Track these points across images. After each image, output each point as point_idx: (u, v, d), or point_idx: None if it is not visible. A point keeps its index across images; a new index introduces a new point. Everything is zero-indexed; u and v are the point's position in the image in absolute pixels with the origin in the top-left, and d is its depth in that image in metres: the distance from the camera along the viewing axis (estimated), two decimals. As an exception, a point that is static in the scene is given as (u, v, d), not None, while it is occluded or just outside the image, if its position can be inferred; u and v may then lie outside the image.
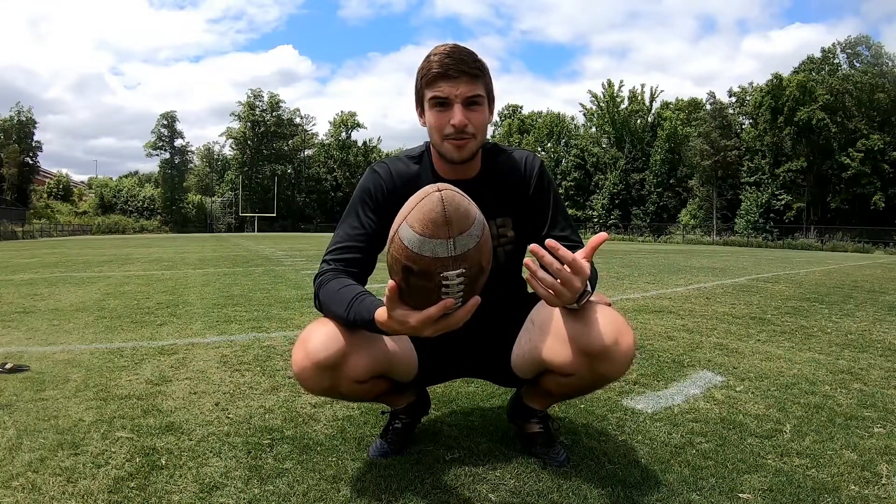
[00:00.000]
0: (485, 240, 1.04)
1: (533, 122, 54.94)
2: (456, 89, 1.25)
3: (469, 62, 1.26)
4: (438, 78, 1.25)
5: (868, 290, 6.22)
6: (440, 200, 0.99)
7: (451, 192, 1.01)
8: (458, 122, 1.25)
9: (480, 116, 1.29)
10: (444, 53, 1.26)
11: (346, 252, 1.34)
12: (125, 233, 43.48)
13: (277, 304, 4.32)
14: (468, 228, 1.00)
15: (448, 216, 0.98)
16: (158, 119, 54.79)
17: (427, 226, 0.98)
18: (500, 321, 1.47)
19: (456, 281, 1.01)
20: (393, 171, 1.40)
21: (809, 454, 1.55)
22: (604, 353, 1.22)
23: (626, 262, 10.90)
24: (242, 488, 1.31)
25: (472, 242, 1.01)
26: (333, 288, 1.25)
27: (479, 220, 1.03)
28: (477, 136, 1.30)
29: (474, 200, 1.36)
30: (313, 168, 58.92)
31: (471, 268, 1.01)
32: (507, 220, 1.43)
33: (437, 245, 0.98)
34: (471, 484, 1.36)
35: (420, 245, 0.99)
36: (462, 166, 1.36)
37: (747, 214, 35.00)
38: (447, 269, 1.00)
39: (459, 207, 1.00)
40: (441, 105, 1.27)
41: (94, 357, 2.57)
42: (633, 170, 44.10)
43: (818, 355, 2.82)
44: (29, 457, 1.45)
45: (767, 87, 35.43)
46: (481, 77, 1.28)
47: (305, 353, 1.22)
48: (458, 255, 0.99)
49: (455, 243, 0.99)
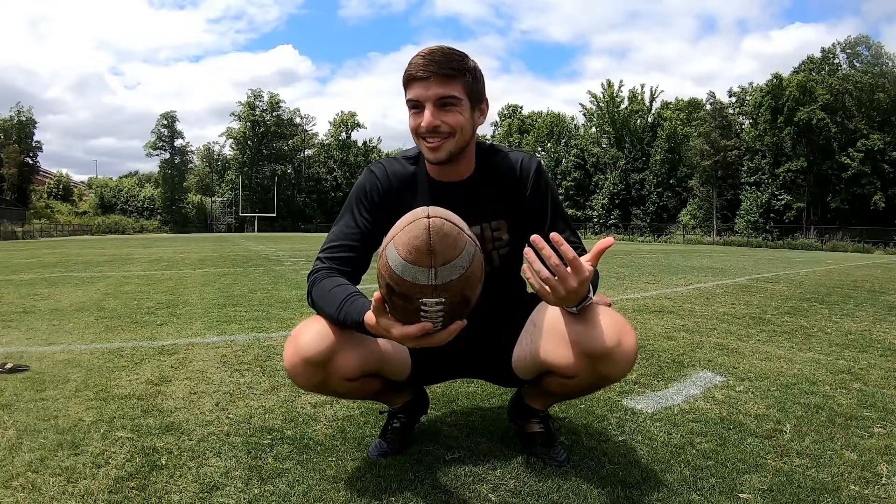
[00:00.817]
0: (472, 271, 1.00)
1: (533, 122, 54.93)
2: (427, 90, 1.23)
3: (442, 63, 1.23)
4: (411, 80, 1.25)
5: (868, 290, 6.22)
6: (426, 229, 0.96)
7: (441, 220, 0.98)
8: (426, 124, 1.25)
9: (455, 117, 1.26)
10: (420, 55, 1.25)
11: (341, 251, 1.34)
12: (125, 233, 43.49)
13: (277, 304, 4.32)
14: (453, 260, 0.97)
15: (432, 246, 0.96)
16: (158, 119, 54.86)
17: (411, 251, 0.97)
18: (497, 322, 1.47)
19: (434, 308, 0.99)
20: (389, 172, 1.40)
21: (809, 454, 1.55)
22: (606, 355, 1.21)
23: (626, 262, 10.89)
24: (242, 488, 1.31)
25: (456, 274, 0.98)
26: (326, 287, 1.25)
27: (469, 251, 1.00)
28: (454, 136, 1.27)
29: (468, 201, 1.36)
30: (313, 168, 58.93)
31: (451, 298, 0.99)
32: (503, 223, 1.42)
33: (419, 272, 0.97)
34: (471, 484, 1.36)
35: (402, 269, 0.98)
36: (453, 167, 1.35)
37: (747, 214, 34.99)
38: (426, 297, 0.98)
39: (447, 238, 0.97)
40: (415, 107, 1.27)
41: (94, 357, 2.57)
42: (633, 170, 44.09)
43: (818, 355, 2.82)
44: (29, 457, 1.45)
45: (767, 87, 35.43)
46: (456, 77, 1.25)
47: (296, 349, 1.24)
48: (438, 284, 0.97)
49: (436, 273, 0.97)
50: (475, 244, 1.03)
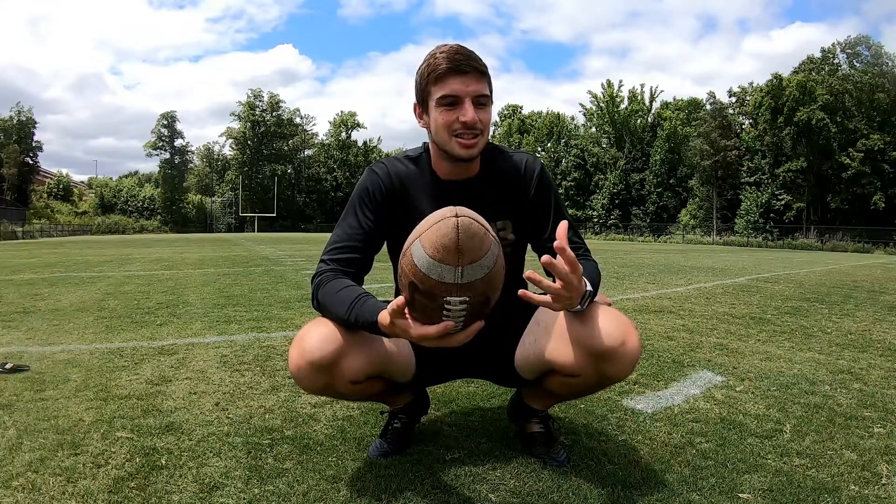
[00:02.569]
0: (496, 271, 1.02)
1: (533, 122, 54.93)
2: (467, 86, 1.23)
3: (477, 59, 1.26)
4: (449, 74, 1.23)
5: (868, 290, 6.22)
6: (455, 228, 0.97)
7: (470, 220, 0.99)
8: (470, 119, 1.24)
9: (488, 115, 1.28)
10: (451, 51, 1.25)
11: (344, 252, 1.33)
12: (125, 233, 43.49)
13: (277, 304, 4.32)
14: (479, 259, 0.99)
15: (461, 245, 0.97)
16: (158, 119, 55.00)
17: (439, 250, 0.98)
18: (500, 322, 1.46)
19: (458, 307, 1.01)
20: (391, 172, 1.39)
21: (809, 454, 1.55)
22: (610, 355, 1.21)
23: (626, 262, 10.89)
24: (242, 488, 1.31)
25: (481, 273, 0.99)
26: (333, 289, 1.25)
27: (494, 251, 1.01)
28: (484, 134, 1.29)
29: (473, 200, 1.35)
30: (313, 168, 58.95)
31: (475, 297, 1.01)
32: (508, 223, 1.42)
33: (445, 270, 0.98)
34: (471, 484, 1.36)
35: (428, 267, 0.99)
36: (462, 167, 1.35)
37: (747, 214, 35.00)
38: (451, 295, 0.99)
39: (475, 237, 0.98)
40: (451, 104, 1.25)
41: (94, 357, 2.57)
42: (633, 170, 44.09)
43: (818, 355, 2.82)
44: (29, 457, 1.45)
45: (767, 87, 35.43)
46: (487, 76, 1.28)
47: (301, 352, 1.23)
48: (463, 283, 0.99)
49: (463, 272, 0.98)
50: (499, 244, 1.04)
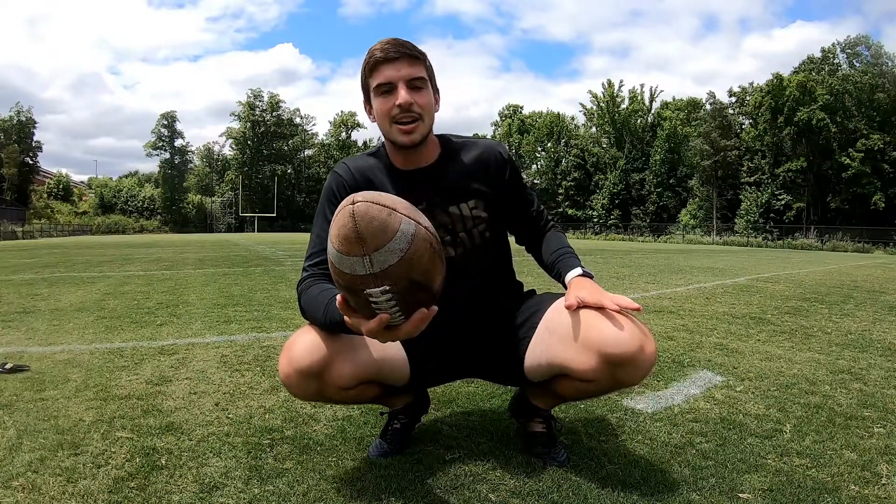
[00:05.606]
0: (414, 253, 0.95)
1: (533, 121, 54.92)
2: (398, 71, 1.27)
3: (410, 45, 1.30)
4: (381, 63, 1.28)
5: (868, 290, 6.22)
6: (351, 215, 0.94)
7: (367, 203, 0.95)
8: (402, 100, 1.27)
9: (425, 98, 1.30)
10: (383, 42, 1.30)
11: (320, 256, 1.35)
12: (125, 233, 43.50)
13: (277, 304, 4.32)
14: (386, 243, 0.93)
15: (360, 232, 0.93)
16: (158, 119, 55.04)
17: (342, 242, 0.94)
18: (496, 321, 1.46)
19: (382, 298, 0.95)
20: (352, 168, 1.42)
21: (809, 454, 1.55)
22: (628, 360, 1.20)
23: (626, 262, 10.90)
24: (242, 488, 1.31)
25: (394, 258, 0.93)
26: (313, 293, 1.26)
27: (406, 231, 0.95)
28: (424, 118, 1.31)
29: (433, 186, 1.37)
30: (313, 168, 58.98)
31: (396, 284, 0.95)
32: (479, 202, 1.43)
33: (355, 262, 0.94)
34: (471, 484, 1.36)
35: (340, 261, 0.95)
36: (417, 154, 1.37)
37: (747, 214, 35.01)
38: (368, 287, 0.95)
39: (373, 222, 0.93)
40: (386, 92, 1.29)
41: (94, 357, 2.57)
42: (633, 170, 44.10)
43: (818, 355, 2.82)
44: (29, 457, 1.45)
45: (767, 87, 35.45)
46: (421, 60, 1.31)
47: (289, 360, 1.24)
48: (377, 272, 0.94)
49: (371, 260, 0.93)
50: (414, 223, 0.98)
